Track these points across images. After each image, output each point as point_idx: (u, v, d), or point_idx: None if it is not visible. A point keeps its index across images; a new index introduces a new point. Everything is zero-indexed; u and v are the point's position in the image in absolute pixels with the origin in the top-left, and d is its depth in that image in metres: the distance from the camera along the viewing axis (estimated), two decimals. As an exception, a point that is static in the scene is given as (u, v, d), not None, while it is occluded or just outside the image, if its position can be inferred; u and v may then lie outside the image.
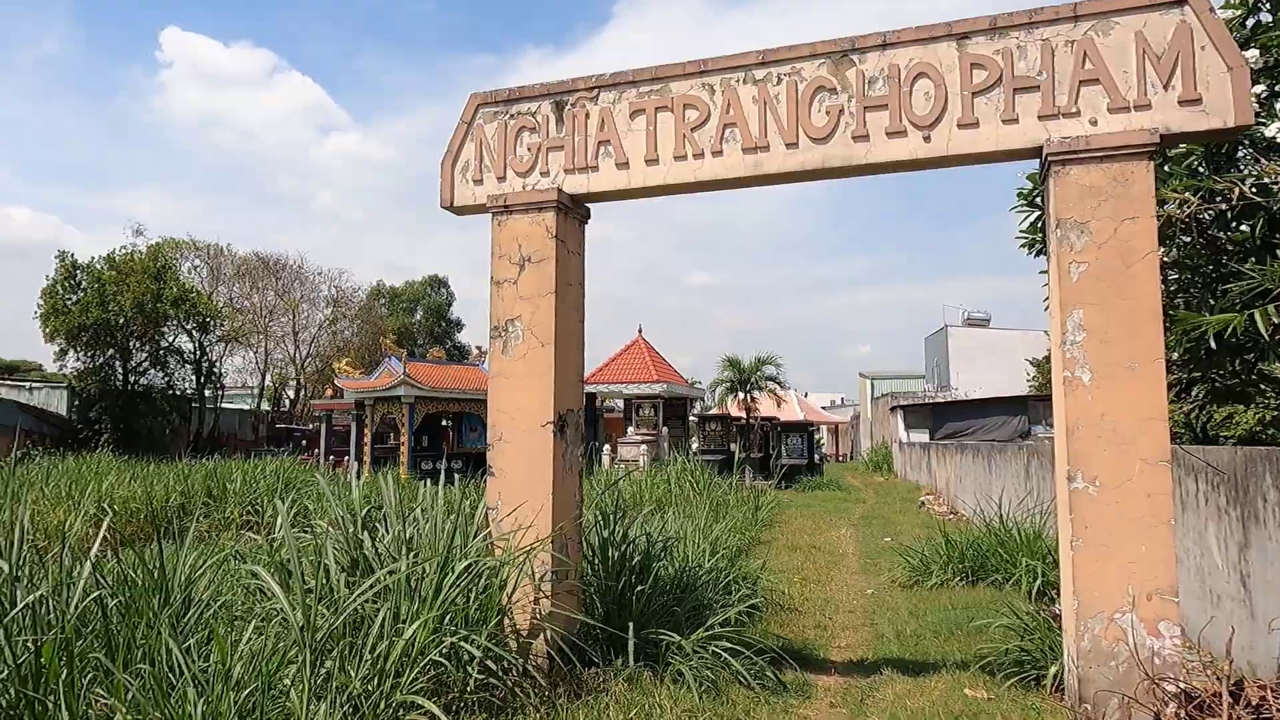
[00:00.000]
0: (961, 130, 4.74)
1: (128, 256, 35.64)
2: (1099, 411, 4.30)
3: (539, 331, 5.36)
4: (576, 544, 5.55)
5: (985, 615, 8.01)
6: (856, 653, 6.81)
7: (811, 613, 8.16)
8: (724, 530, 9.82)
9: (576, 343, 5.68)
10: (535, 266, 5.42)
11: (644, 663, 5.26)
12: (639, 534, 6.81)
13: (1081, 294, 4.39)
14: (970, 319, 46.49)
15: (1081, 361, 4.36)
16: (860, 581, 10.19)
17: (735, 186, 5.35)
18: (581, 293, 5.77)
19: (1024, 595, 8.75)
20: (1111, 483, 4.24)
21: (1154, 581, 4.15)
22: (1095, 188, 4.42)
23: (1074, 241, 4.44)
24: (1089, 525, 4.27)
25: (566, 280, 5.54)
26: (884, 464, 36.87)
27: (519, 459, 5.32)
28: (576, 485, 5.58)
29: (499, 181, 5.65)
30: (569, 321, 5.56)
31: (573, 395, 5.57)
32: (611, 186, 5.42)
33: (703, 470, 17.96)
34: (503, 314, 5.47)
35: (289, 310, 48.01)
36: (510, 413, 5.37)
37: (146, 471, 16.68)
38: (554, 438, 5.29)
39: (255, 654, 3.53)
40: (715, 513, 13.36)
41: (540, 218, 5.45)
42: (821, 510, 19.36)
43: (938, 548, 9.93)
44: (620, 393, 29.74)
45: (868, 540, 14.08)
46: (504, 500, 5.31)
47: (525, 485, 5.27)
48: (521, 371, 5.37)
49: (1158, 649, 4.13)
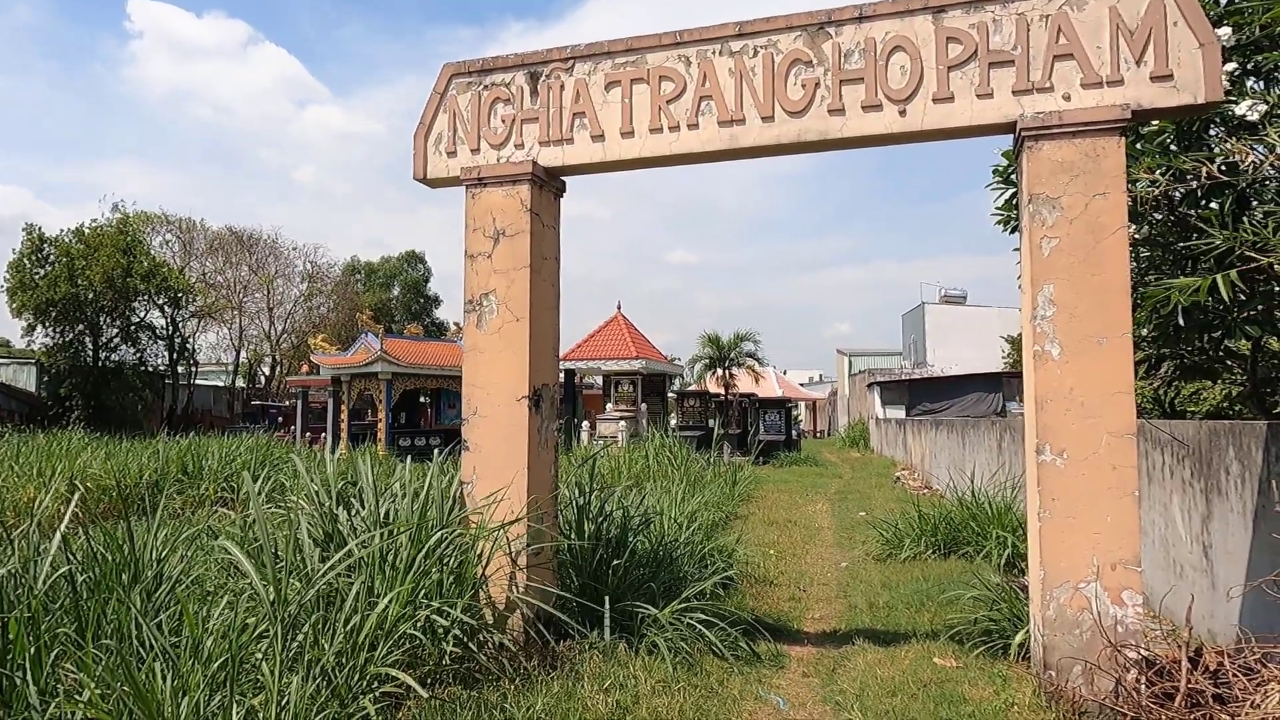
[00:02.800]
0: (937, 105, 4.75)
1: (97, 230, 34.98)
2: (1068, 385, 4.36)
3: (514, 306, 5.33)
4: (552, 518, 5.57)
5: (956, 587, 8.16)
6: (830, 624, 6.91)
7: (786, 585, 8.26)
8: (701, 505, 9.87)
9: (552, 317, 5.66)
10: (510, 240, 5.37)
11: (620, 635, 5.31)
12: (616, 508, 6.85)
13: (1052, 269, 4.42)
14: (947, 296, 46.84)
15: (1051, 336, 4.41)
16: (835, 555, 10.31)
17: (711, 160, 5.33)
18: (557, 267, 5.74)
19: (994, 567, 8.91)
20: (1079, 455, 4.31)
21: (1118, 552, 4.23)
22: (1067, 163, 4.44)
23: (1045, 217, 4.47)
24: (1056, 497, 4.33)
25: (541, 254, 5.50)
26: (860, 440, 37.21)
27: (494, 434, 5.31)
28: (552, 460, 5.58)
29: (473, 154, 5.59)
30: (544, 295, 5.53)
31: (548, 370, 5.55)
32: (586, 159, 5.38)
33: (681, 446, 18.03)
34: (477, 288, 5.43)
35: (264, 285, 47.39)
36: (485, 387, 5.35)
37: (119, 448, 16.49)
38: (529, 412, 5.28)
39: (226, 628, 3.52)
40: (693, 488, 13.44)
41: (514, 191, 5.40)
42: (798, 485, 19.55)
43: (911, 521, 10.07)
44: (599, 369, 29.73)
45: (843, 515, 14.24)
46: (479, 475, 5.31)
47: (500, 460, 5.27)
48: (496, 346, 5.34)
49: (1120, 617, 4.22)
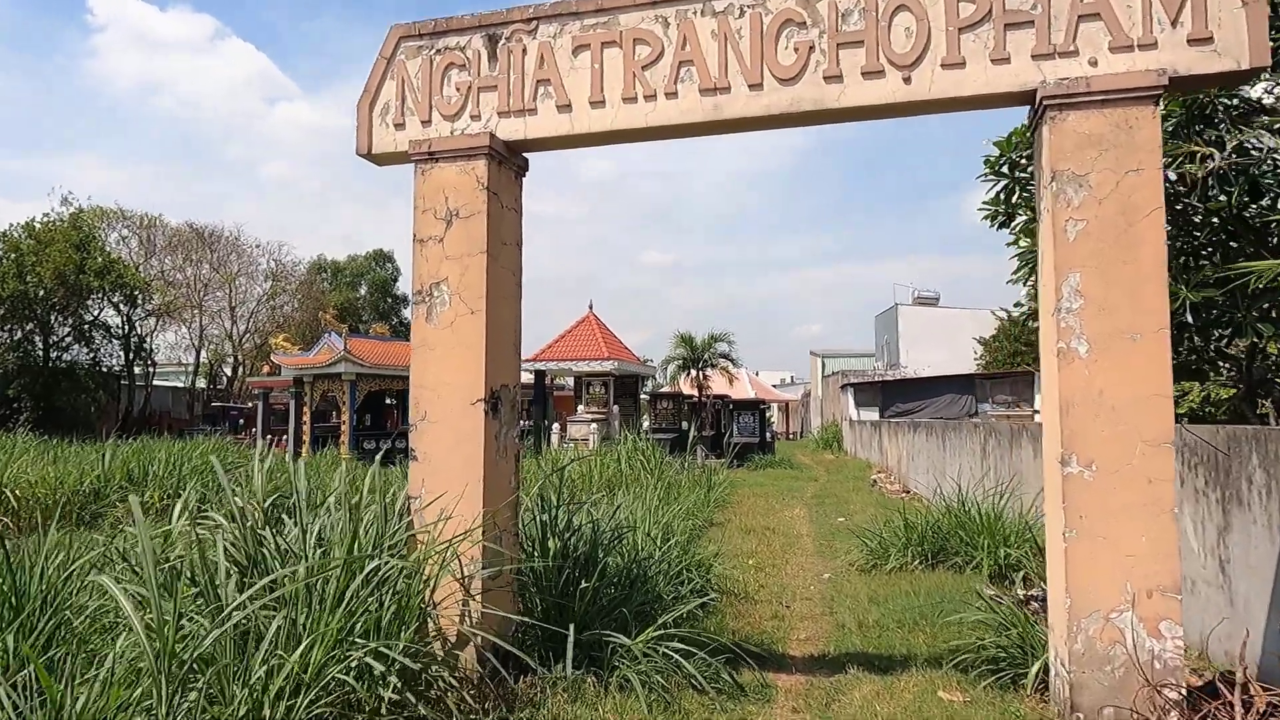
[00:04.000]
0: (946, 71, 4.21)
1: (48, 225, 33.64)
2: (1097, 387, 3.84)
3: (468, 296, 4.71)
4: (512, 535, 4.95)
5: (949, 601, 7.66)
6: (817, 646, 6.36)
7: (768, 601, 7.70)
8: (676, 515, 9.30)
9: (512, 309, 5.05)
10: (464, 222, 4.75)
11: (588, 668, 4.71)
12: (584, 522, 6.25)
13: (1079, 255, 3.90)
14: (920, 297, 46.80)
15: (1077, 331, 3.89)
16: (816, 565, 9.80)
17: (692, 134, 4.75)
18: (518, 254, 5.13)
19: (985, 578, 8.45)
20: (1109, 466, 3.79)
21: (1155, 577, 3.72)
22: (1095, 136, 3.93)
23: (1071, 196, 3.95)
24: (1084, 514, 3.81)
25: (500, 238, 4.89)
26: (834, 442, 36.92)
27: (445, 441, 4.68)
28: (512, 470, 4.97)
29: (423, 126, 4.96)
30: (503, 285, 4.92)
31: (508, 369, 4.94)
32: (552, 132, 4.78)
33: (654, 449, 17.46)
34: (427, 276, 4.80)
35: (225, 284, 46.07)
36: (435, 388, 4.72)
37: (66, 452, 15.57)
38: (485, 417, 4.66)
39: (105, 684, 2.87)
40: (667, 494, 12.87)
41: (470, 167, 4.78)
42: (774, 489, 19.07)
43: (896, 530, 9.57)
44: (570, 370, 29.07)
45: (821, 520, 13.77)
46: (428, 488, 4.68)
47: (452, 470, 4.64)
48: (448, 342, 4.72)
49: (1158, 651, 3.71)
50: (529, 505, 5.92)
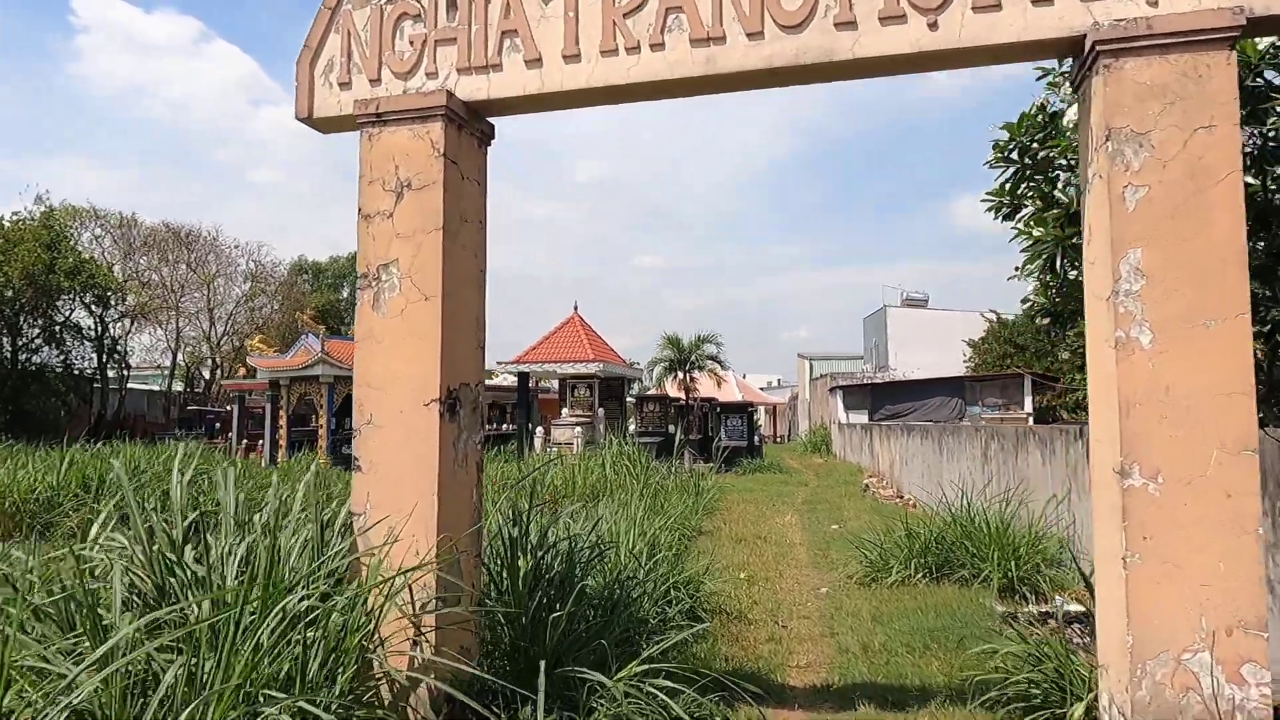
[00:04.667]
0: (978, 15, 3.59)
1: (17, 224, 32.64)
2: (1163, 383, 3.23)
3: (421, 281, 4.05)
4: (474, 557, 4.29)
5: (960, 621, 7.05)
6: (820, 674, 5.73)
7: (763, 621, 7.07)
8: (663, 526, 8.64)
9: (474, 298, 4.38)
10: (417, 195, 4.09)
11: (561, 712, 4.06)
12: (560, 537, 5.59)
13: (1140, 228, 3.29)
14: (909, 299, 46.39)
15: (1139, 318, 3.28)
16: (812, 578, 9.18)
17: (682, 92, 4.11)
18: (482, 234, 4.47)
19: (995, 594, 7.86)
20: (1179, 477, 3.18)
21: (1236, 610, 3.11)
22: (1159, 86, 3.32)
23: (1130, 159, 3.34)
24: (1149, 535, 3.20)
25: (460, 214, 4.23)
26: (822, 445, 36.38)
27: (393, 449, 4.01)
28: (474, 481, 4.30)
29: (371, 85, 4.30)
30: (463, 269, 4.26)
31: (468, 366, 4.28)
32: (519, 91, 4.13)
33: (640, 454, 16.80)
34: (374, 257, 4.14)
35: (203, 285, 45.06)
36: (383, 387, 4.06)
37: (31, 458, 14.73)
38: (441, 420, 4.00)
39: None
40: (654, 501, 12.23)
41: (424, 130, 4.12)
42: (764, 495, 18.48)
43: (898, 541, 8.96)
44: (554, 372, 28.39)
45: (814, 528, 13.17)
46: (374, 503, 4.01)
47: (402, 484, 3.98)
48: (397, 333, 4.05)
49: (1240, 701, 3.10)
50: (496, 521, 5.27)
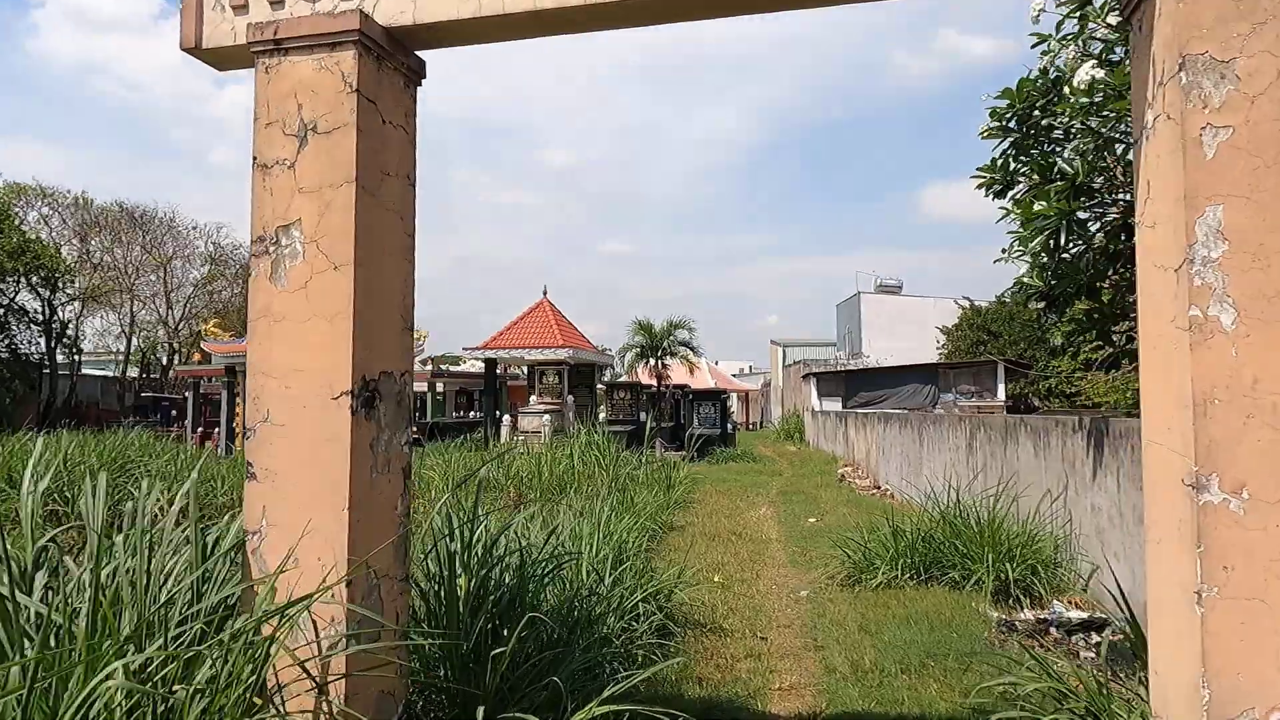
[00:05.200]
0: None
1: (-45, 202, 31.07)
2: (1249, 376, 2.58)
3: (330, 246, 3.29)
4: (398, 582, 3.55)
5: (955, 631, 6.45)
6: (805, 698, 5.09)
7: (741, 633, 6.42)
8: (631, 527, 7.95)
9: (400, 269, 3.62)
10: (324, 140, 3.32)
11: (502, 770, 3.37)
12: (512, 549, 4.86)
13: (1223, 179, 2.63)
14: (883, 285, 46.07)
15: (1220, 292, 2.62)
16: (791, 578, 8.57)
17: (647, 18, 3.38)
18: (410, 193, 3.70)
19: (988, 598, 7.29)
20: (1272, 495, 2.54)
21: (1341, 659, 2.49)
22: (1247, 2, 2.66)
23: (1209, 92, 2.67)
24: (1230, 564, 2.55)
25: (380, 166, 3.47)
26: (796, 433, 35.99)
27: (297, 452, 3.26)
28: (399, 491, 3.56)
29: (272, 6, 3.51)
30: (385, 233, 3.50)
31: (392, 351, 3.53)
32: (452, 14, 3.36)
33: (609, 443, 16.11)
34: (272, 217, 3.36)
35: (159, 267, 43.46)
36: (283, 376, 3.30)
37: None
38: (354, 417, 3.25)
39: None
40: (623, 496, 11.56)
41: (333, 61, 3.35)
42: (737, 485, 17.91)
43: (883, 540, 8.36)
44: (522, 359, 27.54)
45: (790, 521, 12.60)
46: (271, 519, 3.26)
47: (307, 495, 3.23)
48: (300, 310, 3.29)
49: (1345, 771, 2.47)
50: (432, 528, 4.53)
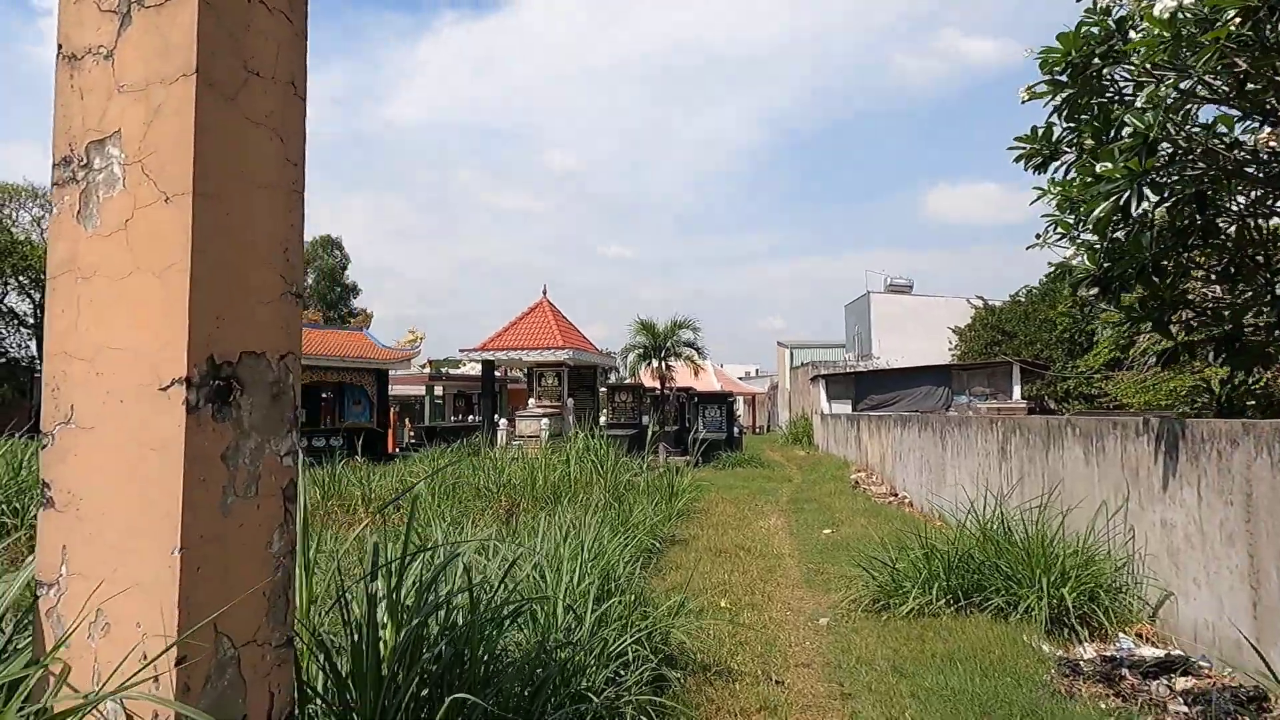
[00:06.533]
0: None
1: (-58, 202, 30.27)
2: None
3: (160, 167, 2.26)
4: (273, 650, 2.52)
5: (1007, 673, 5.37)
6: (835, 772, 4.06)
7: (752, 675, 5.38)
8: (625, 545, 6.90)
9: (274, 209, 2.57)
10: (155, 15, 2.30)
11: None
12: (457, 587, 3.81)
13: None
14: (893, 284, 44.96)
15: None
16: (808, 601, 7.54)
17: None
18: (292, 106, 2.65)
19: (1041, 631, 6.24)
20: None
21: None
22: None
23: None
24: None
25: (243, 57, 2.43)
26: (804, 437, 34.95)
27: (108, 466, 2.24)
28: (275, 523, 2.52)
29: None
30: (250, 152, 2.47)
31: (262, 322, 2.49)
32: None
33: (609, 448, 15.07)
34: (81, 128, 2.34)
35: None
36: (89, 358, 2.28)
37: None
38: (191, 416, 2.22)
39: None
40: (619, 506, 10.53)
41: (168, -98, 2.33)
42: (745, 492, 16.90)
43: (914, 560, 7.32)
44: (521, 360, 26.56)
45: (803, 533, 11.58)
46: (74, 566, 2.23)
47: (122, 530, 2.21)
48: (118, 262, 2.27)
49: None
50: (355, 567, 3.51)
